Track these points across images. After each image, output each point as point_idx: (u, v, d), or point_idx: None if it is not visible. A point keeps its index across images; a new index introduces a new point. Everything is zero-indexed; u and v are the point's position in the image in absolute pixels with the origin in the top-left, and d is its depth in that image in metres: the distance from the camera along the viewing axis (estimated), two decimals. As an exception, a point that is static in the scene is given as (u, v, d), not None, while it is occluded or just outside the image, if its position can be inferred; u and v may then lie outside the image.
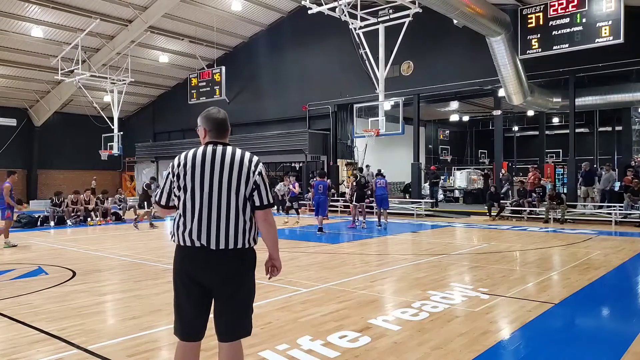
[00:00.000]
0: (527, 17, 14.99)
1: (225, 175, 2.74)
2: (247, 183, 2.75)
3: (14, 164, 27.98)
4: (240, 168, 2.76)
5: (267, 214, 2.83)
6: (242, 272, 2.79)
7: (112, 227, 15.35)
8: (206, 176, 2.75)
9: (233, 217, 2.72)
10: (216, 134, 2.93)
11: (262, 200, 2.78)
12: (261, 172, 2.81)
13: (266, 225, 2.84)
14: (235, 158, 2.78)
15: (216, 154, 2.80)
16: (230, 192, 2.73)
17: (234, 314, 2.78)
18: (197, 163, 2.79)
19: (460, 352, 3.99)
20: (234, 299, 2.77)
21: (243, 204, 2.75)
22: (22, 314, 5.19)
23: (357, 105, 18.31)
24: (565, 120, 24.96)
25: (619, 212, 14.55)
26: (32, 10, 19.93)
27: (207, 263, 2.72)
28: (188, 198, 2.76)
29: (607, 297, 6.23)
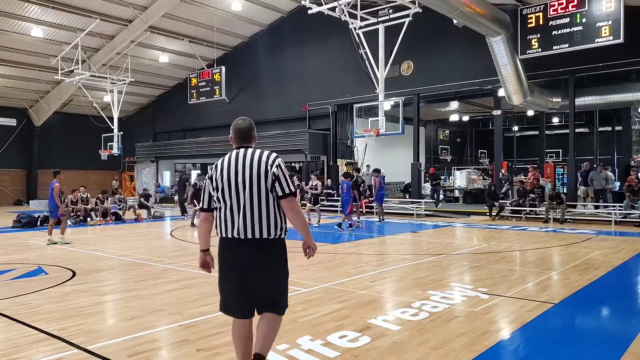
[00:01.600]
0: (527, 17, 14.99)
1: (247, 172, 3.15)
2: (267, 176, 3.12)
3: (13, 163, 28.10)
4: (259, 164, 3.15)
5: (291, 202, 3.16)
6: (271, 259, 3.17)
7: (112, 227, 15.35)
8: (232, 175, 3.18)
9: (258, 209, 3.11)
10: (240, 140, 3.39)
11: (284, 189, 3.13)
12: (279, 165, 3.17)
13: (291, 212, 3.18)
14: (255, 157, 3.19)
15: (239, 156, 3.24)
16: (253, 187, 3.12)
17: (267, 295, 3.21)
18: (225, 166, 3.25)
19: (460, 352, 3.99)
20: (265, 283, 3.18)
21: (266, 197, 3.13)
22: (22, 313, 5.19)
23: (357, 105, 18.31)
24: (565, 120, 24.97)
25: (618, 212, 14.56)
26: (32, 10, 19.93)
27: (242, 251, 3.15)
28: (221, 196, 3.19)
29: (606, 297, 6.23)
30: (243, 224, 3.11)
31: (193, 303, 5.62)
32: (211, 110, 26.44)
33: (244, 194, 3.13)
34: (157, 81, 28.79)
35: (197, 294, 6.07)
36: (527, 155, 29.53)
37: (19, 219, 15.18)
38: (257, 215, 3.11)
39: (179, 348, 4.18)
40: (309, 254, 3.38)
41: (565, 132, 19.76)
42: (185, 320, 4.95)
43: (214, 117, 26.90)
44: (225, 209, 3.19)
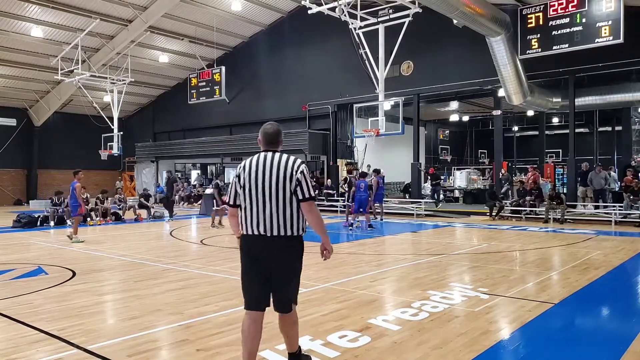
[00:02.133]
0: (527, 17, 14.98)
1: (273, 175, 3.38)
2: (291, 180, 3.36)
3: (13, 163, 28.09)
4: (285, 169, 3.39)
5: (311, 206, 3.40)
6: (290, 255, 3.42)
7: (112, 227, 15.35)
8: (259, 176, 3.40)
9: (282, 209, 3.35)
10: (267, 144, 3.57)
11: (304, 194, 3.38)
12: (303, 171, 3.41)
13: (310, 215, 3.42)
14: (282, 161, 3.42)
15: (267, 159, 3.45)
16: (278, 189, 3.36)
17: (285, 290, 3.44)
18: (252, 167, 3.45)
19: (460, 352, 3.99)
20: (284, 277, 3.42)
21: (290, 198, 3.36)
22: (22, 313, 5.19)
23: (357, 105, 18.31)
24: (565, 120, 24.97)
25: (618, 212, 14.56)
26: (32, 10, 19.93)
27: (264, 247, 3.37)
28: (247, 195, 3.41)
29: (606, 297, 6.23)
30: (269, 222, 3.35)
31: (193, 303, 5.62)
32: (211, 110, 26.45)
33: (269, 195, 3.37)
34: (157, 81, 28.79)
35: (196, 294, 6.07)
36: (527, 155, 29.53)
37: (18, 219, 15.16)
38: (282, 214, 3.35)
39: (178, 348, 4.18)
40: (325, 256, 3.58)
41: (565, 132, 19.76)
42: (185, 320, 4.95)
43: (214, 117, 26.92)
44: (250, 207, 3.41)
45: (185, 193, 26.59)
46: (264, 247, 3.38)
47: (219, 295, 5.98)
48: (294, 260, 3.45)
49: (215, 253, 9.71)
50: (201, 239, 11.96)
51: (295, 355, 3.64)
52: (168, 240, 12.13)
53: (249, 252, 3.45)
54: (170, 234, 13.19)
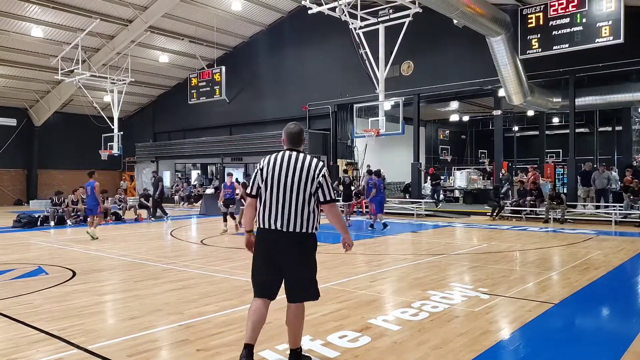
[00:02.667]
0: (527, 17, 14.98)
1: (296, 175, 3.53)
2: (313, 183, 3.54)
3: (14, 163, 28.09)
4: (308, 171, 3.54)
5: (332, 207, 3.63)
6: (305, 251, 3.59)
7: (112, 227, 15.35)
8: (282, 175, 3.55)
9: (300, 208, 3.51)
10: (291, 144, 3.72)
11: (325, 196, 3.57)
12: (325, 175, 3.59)
13: (330, 215, 3.66)
14: (305, 163, 3.57)
15: (291, 158, 3.59)
16: (299, 189, 3.52)
17: (298, 283, 3.60)
18: (277, 164, 3.59)
19: (460, 352, 3.99)
20: (297, 271, 3.59)
21: (308, 199, 3.53)
22: (22, 313, 5.19)
23: (357, 105, 18.30)
24: (565, 120, 24.95)
25: (618, 212, 14.55)
26: (32, 10, 19.93)
27: (280, 242, 3.54)
28: (268, 190, 3.57)
29: (606, 297, 6.23)
30: (286, 218, 3.51)
31: (193, 303, 5.62)
32: (211, 110, 26.46)
33: (290, 193, 3.52)
34: (157, 81, 28.79)
35: (197, 294, 6.07)
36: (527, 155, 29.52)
37: (19, 219, 15.17)
38: (300, 212, 3.51)
39: (179, 348, 4.18)
40: (347, 248, 3.84)
41: (566, 132, 19.75)
42: (185, 320, 4.95)
43: (214, 117, 26.92)
44: (270, 202, 3.56)
45: (185, 193, 26.60)
46: (278, 242, 3.54)
47: (219, 295, 5.98)
48: (307, 255, 3.62)
49: (216, 253, 9.71)
50: (201, 239, 11.96)
51: (297, 353, 3.71)
52: (168, 240, 12.13)
53: (264, 245, 3.62)
54: (170, 234, 13.19)
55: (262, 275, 3.64)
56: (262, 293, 3.63)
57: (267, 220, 3.55)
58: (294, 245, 3.54)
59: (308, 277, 3.64)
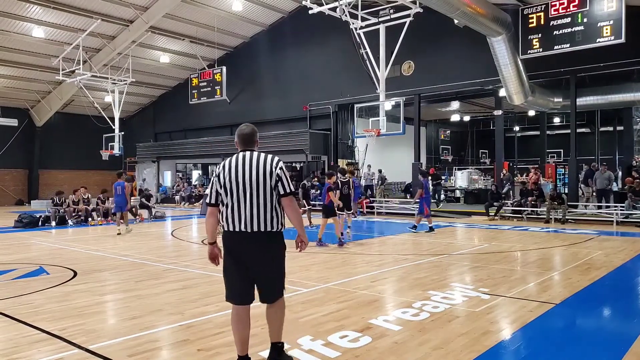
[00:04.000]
0: (528, 17, 14.96)
1: (254, 172, 3.51)
2: (271, 177, 3.52)
3: (15, 163, 28.12)
4: (264, 166, 3.53)
5: (291, 200, 3.58)
6: (272, 249, 3.57)
7: (113, 227, 15.34)
8: (240, 175, 3.52)
9: (262, 205, 3.49)
10: (243, 144, 3.72)
11: (285, 189, 3.55)
12: (282, 168, 3.58)
13: (289, 209, 3.59)
14: (260, 159, 3.57)
15: (245, 158, 3.58)
16: (259, 186, 3.50)
17: (269, 282, 3.59)
18: (232, 166, 3.58)
19: (461, 352, 3.99)
20: (267, 271, 3.57)
21: (270, 195, 3.51)
22: (23, 313, 5.20)
23: (358, 105, 18.30)
24: (567, 120, 24.93)
25: (620, 213, 14.53)
26: (34, 11, 19.95)
27: (245, 243, 3.50)
28: (229, 194, 3.54)
29: (608, 298, 6.22)
30: (250, 219, 3.48)
31: (193, 303, 5.62)
32: (212, 111, 26.47)
33: (250, 192, 3.50)
34: (158, 81, 28.81)
35: (197, 294, 6.07)
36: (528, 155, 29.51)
37: (20, 219, 15.19)
38: (263, 210, 3.49)
39: (179, 348, 4.18)
40: (301, 247, 3.74)
41: (567, 132, 19.74)
42: (185, 320, 4.95)
43: (215, 117, 26.93)
44: (231, 205, 3.53)
45: (186, 193, 26.62)
46: (246, 243, 3.50)
47: (220, 296, 5.94)
48: (276, 254, 3.60)
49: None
50: (202, 239, 11.96)
51: (278, 348, 3.70)
52: (169, 240, 12.14)
53: (231, 249, 3.55)
54: (171, 234, 13.19)
55: (236, 281, 3.56)
56: (239, 300, 3.58)
57: (232, 223, 3.51)
58: (260, 245, 3.52)
59: (276, 275, 3.63)
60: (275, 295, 3.63)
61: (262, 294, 3.62)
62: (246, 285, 3.57)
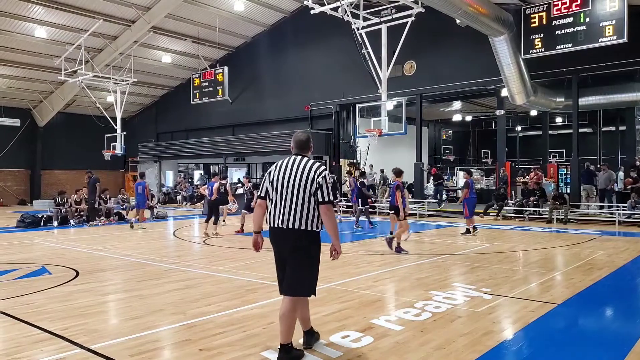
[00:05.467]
0: (530, 16, 14.94)
1: (298, 177, 3.82)
2: (312, 184, 3.79)
3: (17, 163, 28.18)
4: (309, 173, 3.82)
5: (328, 208, 3.81)
6: (304, 246, 3.81)
7: (115, 227, 15.38)
8: (286, 177, 3.85)
9: (300, 206, 3.77)
10: (297, 149, 4.07)
11: (324, 197, 3.79)
12: (324, 177, 3.82)
13: (325, 216, 3.81)
14: (307, 166, 3.86)
15: (295, 162, 3.92)
16: (299, 189, 3.79)
17: (295, 276, 3.81)
18: (282, 167, 3.93)
19: (463, 353, 3.99)
20: (297, 265, 3.81)
21: (308, 198, 3.78)
22: (26, 313, 5.21)
23: (360, 105, 18.29)
24: (569, 120, 24.88)
25: (622, 212, 14.49)
26: (36, 11, 19.98)
27: (282, 238, 3.83)
28: (274, 192, 3.89)
29: (610, 298, 6.21)
30: (287, 217, 3.78)
31: (195, 303, 5.62)
32: (214, 111, 26.49)
33: (292, 193, 3.80)
34: (160, 81, 28.84)
35: (199, 294, 6.07)
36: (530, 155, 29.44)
37: (22, 219, 15.22)
38: (299, 211, 3.76)
39: (181, 348, 4.19)
40: (334, 256, 3.95)
41: (569, 132, 19.73)
42: (187, 320, 4.96)
43: (216, 117, 26.95)
44: (275, 202, 3.87)
45: (187, 193, 26.63)
46: (282, 238, 3.83)
47: (222, 295, 5.99)
48: (307, 252, 3.82)
49: (218, 253, 9.72)
50: (204, 239, 11.97)
51: (287, 349, 3.82)
52: (171, 240, 12.15)
53: (273, 242, 3.94)
54: (173, 234, 13.20)
55: (278, 272, 3.94)
56: (281, 289, 3.91)
57: (273, 219, 3.86)
58: (293, 241, 3.78)
59: (303, 272, 3.81)
60: (298, 291, 3.81)
61: (284, 286, 3.84)
62: (283, 274, 3.88)
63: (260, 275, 7.26)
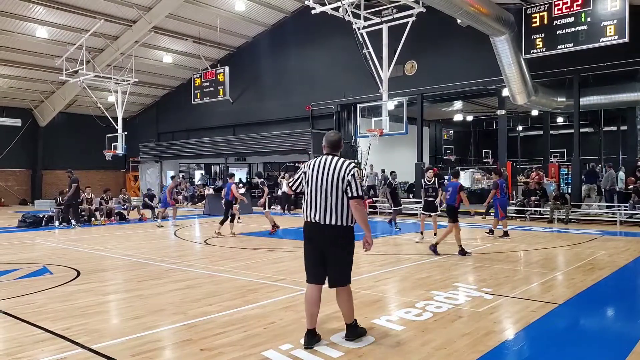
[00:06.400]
0: (531, 16, 14.91)
1: (330, 175, 4.13)
2: (343, 180, 4.09)
3: (19, 163, 28.21)
4: (340, 171, 4.12)
5: (358, 202, 4.09)
6: (342, 242, 4.14)
7: (116, 227, 15.39)
8: (319, 175, 4.17)
9: (335, 203, 4.08)
10: (329, 149, 4.38)
11: (352, 192, 4.07)
12: (354, 174, 4.12)
13: (356, 211, 4.11)
14: (337, 164, 4.16)
15: (327, 161, 4.23)
16: (332, 187, 4.10)
17: (337, 270, 4.18)
18: (316, 166, 4.25)
19: (464, 353, 3.98)
20: (335, 259, 4.15)
21: (341, 195, 4.09)
22: (27, 313, 5.22)
23: (361, 105, 18.28)
24: (570, 119, 24.85)
25: (623, 212, 14.47)
26: (37, 11, 20.00)
27: (318, 232, 4.14)
28: (308, 189, 4.22)
29: (611, 298, 6.20)
30: (323, 213, 4.09)
31: (196, 303, 5.62)
32: (215, 111, 26.50)
33: (325, 191, 4.10)
34: (161, 81, 28.86)
35: (200, 294, 6.08)
36: (531, 155, 29.42)
37: (24, 219, 15.24)
38: (334, 207, 4.08)
39: (182, 348, 4.19)
40: (366, 247, 4.23)
41: (570, 131, 19.69)
42: (188, 320, 4.96)
43: (217, 117, 26.96)
44: (310, 199, 4.19)
45: (189, 193, 26.65)
46: (318, 233, 4.13)
47: (223, 295, 5.99)
48: (343, 245, 4.15)
49: (219, 253, 9.72)
50: (205, 239, 11.97)
51: (352, 326, 4.24)
52: (172, 240, 12.16)
53: (307, 236, 4.23)
54: (174, 234, 13.21)
55: (308, 263, 4.23)
56: (311, 279, 4.23)
57: (308, 214, 4.17)
58: (331, 236, 4.10)
59: (340, 264, 4.16)
60: (342, 282, 4.18)
61: (330, 280, 4.18)
62: (318, 268, 4.17)
63: (261, 275, 7.26)
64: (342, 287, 4.20)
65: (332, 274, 4.17)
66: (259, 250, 10.04)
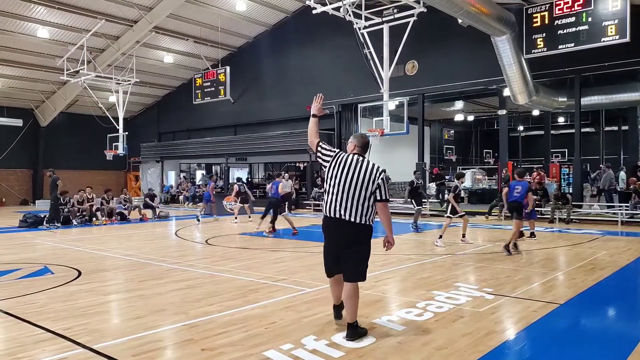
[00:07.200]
0: (532, 16, 14.91)
1: (360, 176, 4.27)
2: (373, 183, 4.28)
3: (20, 163, 28.25)
4: (371, 173, 4.29)
5: (384, 205, 4.35)
6: (358, 238, 4.29)
7: (117, 227, 15.41)
8: (349, 174, 4.29)
9: (361, 202, 4.24)
10: (360, 149, 4.53)
11: (381, 196, 4.30)
12: (383, 178, 4.32)
13: (382, 212, 4.37)
14: (368, 167, 4.33)
15: (357, 162, 4.35)
16: (362, 187, 4.25)
17: (353, 264, 4.30)
18: (343, 164, 4.35)
19: (465, 353, 3.98)
20: (357, 256, 4.30)
21: (367, 196, 4.26)
22: (28, 313, 5.22)
23: (362, 105, 18.28)
24: (571, 119, 24.84)
25: (625, 212, 14.46)
26: (38, 11, 20.03)
27: (340, 228, 4.28)
28: (333, 184, 4.33)
29: (612, 298, 6.19)
30: (347, 210, 4.23)
31: (197, 303, 5.63)
32: (216, 111, 26.51)
33: (353, 190, 4.24)
34: (162, 81, 28.88)
35: (201, 294, 6.08)
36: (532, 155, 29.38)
37: (25, 219, 15.26)
38: (359, 206, 4.23)
39: (183, 348, 4.19)
40: (387, 247, 4.49)
41: (571, 131, 19.69)
42: (189, 319, 4.96)
43: (218, 117, 26.98)
44: (334, 194, 4.30)
45: (190, 193, 26.66)
46: (338, 228, 4.27)
47: (224, 295, 5.99)
48: (362, 243, 4.30)
49: (220, 253, 9.72)
50: (206, 238, 11.98)
51: (353, 326, 4.27)
52: (173, 240, 12.17)
53: (327, 231, 4.40)
54: (175, 234, 13.22)
55: (328, 257, 4.43)
56: (328, 273, 4.48)
57: (331, 210, 4.30)
58: (350, 232, 4.24)
59: (361, 261, 4.30)
60: (358, 277, 4.30)
61: (345, 274, 4.30)
62: (335, 261, 4.37)
63: (262, 275, 7.26)
64: (352, 284, 4.28)
65: (349, 268, 4.28)
66: (260, 250, 10.05)
